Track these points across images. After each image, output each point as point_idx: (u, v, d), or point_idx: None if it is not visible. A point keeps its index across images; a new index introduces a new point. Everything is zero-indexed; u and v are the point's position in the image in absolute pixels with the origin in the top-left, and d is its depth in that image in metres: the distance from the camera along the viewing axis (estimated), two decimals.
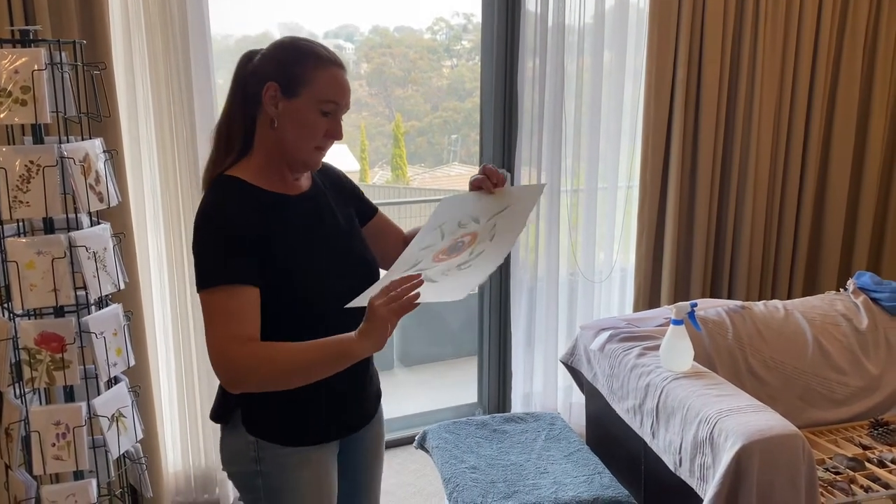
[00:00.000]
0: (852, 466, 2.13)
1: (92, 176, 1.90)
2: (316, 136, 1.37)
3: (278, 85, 1.33)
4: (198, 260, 1.32)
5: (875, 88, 3.17)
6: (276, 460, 1.40)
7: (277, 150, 1.37)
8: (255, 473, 1.41)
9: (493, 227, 1.47)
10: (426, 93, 9.35)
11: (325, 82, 1.35)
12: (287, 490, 1.42)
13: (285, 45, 1.38)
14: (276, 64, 1.35)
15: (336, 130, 1.38)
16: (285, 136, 1.36)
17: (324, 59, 1.36)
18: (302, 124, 1.35)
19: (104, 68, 2.08)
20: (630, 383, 2.14)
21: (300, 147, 1.37)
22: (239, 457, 1.42)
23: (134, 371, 2.27)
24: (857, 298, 2.63)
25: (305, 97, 1.34)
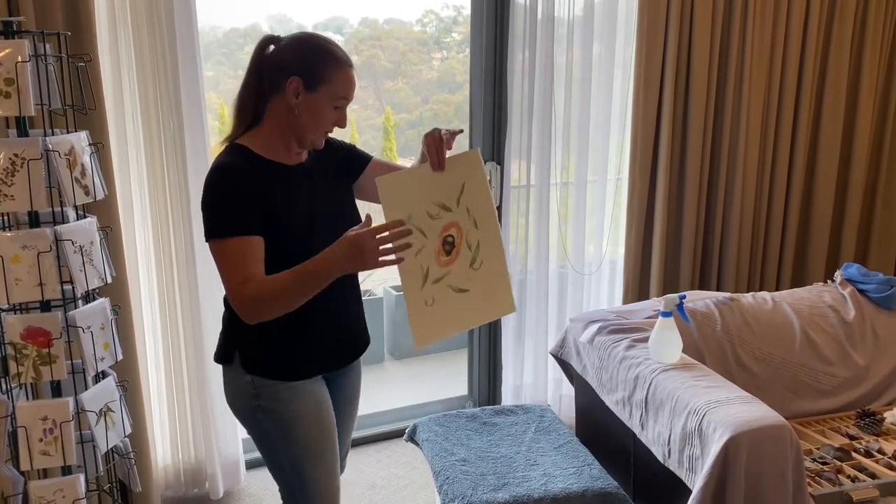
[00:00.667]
0: (839, 456, 2.14)
1: (77, 169, 1.88)
2: (327, 125, 1.61)
3: (301, 80, 1.55)
4: (211, 213, 1.53)
5: (863, 81, 3.19)
6: (273, 395, 1.61)
7: (289, 128, 1.60)
8: (255, 408, 1.62)
9: (469, 212, 1.57)
10: (416, 85, 9.34)
11: (341, 82, 1.58)
12: (287, 419, 1.62)
13: (310, 43, 1.59)
14: (301, 61, 1.56)
15: (342, 120, 1.62)
16: (301, 122, 1.58)
17: (341, 61, 1.58)
18: (317, 114, 1.58)
19: (89, 60, 2.05)
20: (619, 375, 2.15)
21: (312, 131, 1.60)
22: (240, 394, 1.64)
23: (122, 365, 2.25)
24: (845, 290, 2.65)
25: (323, 93, 1.57)
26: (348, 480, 2.77)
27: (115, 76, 2.27)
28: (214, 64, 7.02)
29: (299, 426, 1.63)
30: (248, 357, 1.62)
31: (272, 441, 1.65)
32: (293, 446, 1.64)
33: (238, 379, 1.63)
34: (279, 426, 1.63)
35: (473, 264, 1.59)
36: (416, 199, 1.53)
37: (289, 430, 1.63)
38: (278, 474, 1.71)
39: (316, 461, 1.67)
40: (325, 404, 1.68)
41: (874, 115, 3.29)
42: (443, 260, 1.56)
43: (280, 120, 1.59)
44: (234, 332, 1.64)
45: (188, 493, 2.68)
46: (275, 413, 1.62)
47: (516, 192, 2.97)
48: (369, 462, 2.96)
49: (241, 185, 1.54)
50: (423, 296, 1.55)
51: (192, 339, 2.51)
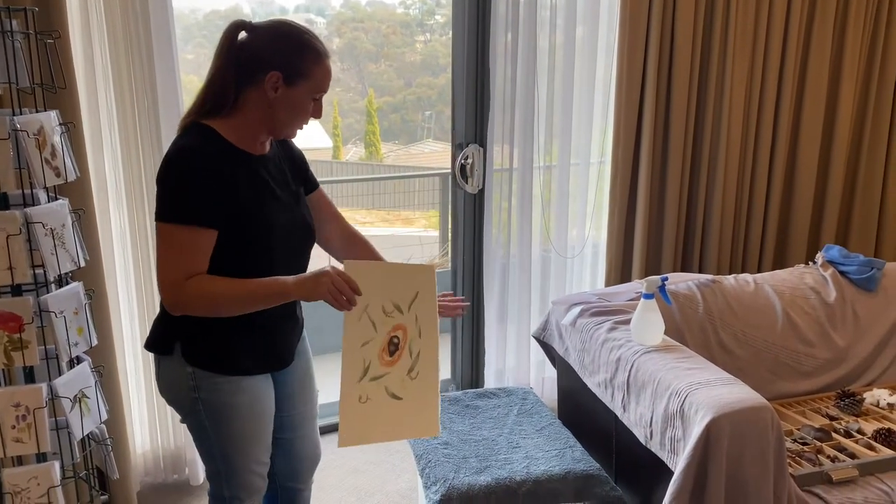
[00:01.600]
0: (819, 437, 2.16)
1: (48, 149, 1.84)
2: (305, 118, 1.61)
3: (281, 75, 1.52)
4: (166, 193, 1.49)
5: (845, 65, 3.18)
6: (213, 387, 1.60)
7: (265, 120, 1.57)
8: (194, 400, 1.61)
9: (416, 320, 1.64)
10: (399, 68, 9.26)
11: (320, 76, 1.56)
12: (224, 412, 1.62)
13: (289, 36, 1.55)
14: (279, 55, 1.52)
15: (319, 111, 1.62)
16: (277, 115, 1.56)
17: (320, 54, 1.56)
18: (295, 108, 1.56)
19: (58, 37, 1.99)
20: (601, 357, 2.14)
21: (289, 125, 1.59)
22: (178, 385, 1.62)
23: (97, 351, 2.21)
24: (826, 271, 2.66)
25: (303, 87, 1.55)
26: (329, 465, 2.75)
27: (86, 54, 2.21)
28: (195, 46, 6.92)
29: (235, 419, 1.64)
30: (189, 349, 1.59)
31: (205, 430, 1.65)
32: (225, 437, 1.65)
33: (178, 370, 1.60)
34: (214, 417, 1.63)
35: (411, 372, 1.65)
36: (376, 290, 1.56)
37: (223, 421, 1.63)
38: (206, 458, 1.72)
39: (244, 453, 1.68)
40: (264, 401, 1.68)
41: (856, 98, 3.30)
42: (385, 359, 1.61)
43: (256, 111, 1.56)
44: (174, 323, 1.58)
45: (168, 479, 2.65)
46: (212, 404, 1.62)
47: (499, 176, 2.94)
48: (349, 447, 2.94)
49: (210, 172, 1.49)
50: (359, 391, 1.59)
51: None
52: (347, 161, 11.79)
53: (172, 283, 1.47)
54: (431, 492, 1.95)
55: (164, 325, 1.62)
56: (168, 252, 1.48)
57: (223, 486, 1.72)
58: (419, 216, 9.42)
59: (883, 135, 3.35)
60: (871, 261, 2.64)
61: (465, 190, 2.99)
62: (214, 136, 1.54)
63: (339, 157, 11.19)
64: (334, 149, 11.45)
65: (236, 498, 1.72)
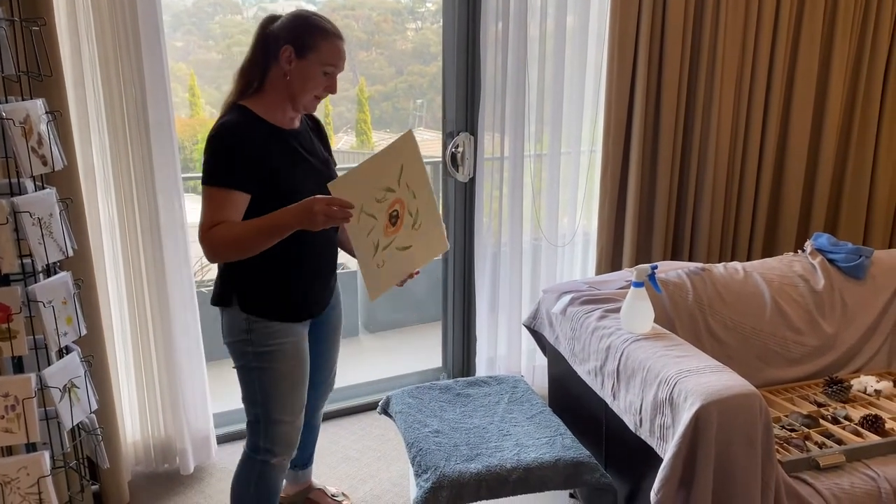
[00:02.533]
0: (807, 423, 2.17)
1: (34, 138, 1.82)
2: (317, 88, 1.83)
3: (293, 48, 1.79)
4: (211, 160, 1.75)
5: (834, 57, 3.19)
6: (263, 330, 1.87)
7: (286, 93, 1.83)
8: (245, 342, 1.88)
9: (408, 187, 1.81)
10: (390, 56, 9.22)
11: (328, 50, 1.80)
12: (270, 353, 1.89)
13: (302, 17, 1.82)
14: (293, 32, 1.80)
15: (332, 86, 1.86)
16: (294, 85, 1.82)
17: (329, 31, 1.81)
18: (307, 79, 1.81)
19: (44, 24, 1.97)
20: (591, 345, 2.15)
21: (304, 94, 1.83)
22: (234, 330, 1.89)
23: (87, 340, 2.21)
24: (815, 259, 2.67)
25: (312, 59, 1.80)
26: (322, 453, 2.76)
27: (72, 41, 2.18)
28: (184, 33, 6.85)
29: (279, 360, 1.90)
30: (244, 299, 1.86)
31: (252, 372, 1.91)
32: (268, 379, 1.90)
33: (235, 317, 1.88)
34: (261, 358, 1.89)
35: (414, 226, 1.87)
36: (363, 191, 1.71)
37: (269, 362, 1.89)
38: (249, 404, 1.96)
39: (283, 399, 1.93)
40: (303, 345, 1.96)
41: (845, 86, 3.30)
42: (389, 230, 1.81)
43: (277, 85, 1.83)
44: (231, 277, 1.87)
45: (158, 469, 2.65)
46: (260, 346, 1.88)
47: (490, 165, 2.94)
48: (343, 435, 2.95)
49: (242, 143, 1.76)
50: (375, 261, 1.80)
51: (158, 312, 2.46)
52: (339, 149, 11.74)
53: (203, 232, 1.74)
54: (422, 479, 1.96)
55: (222, 280, 1.90)
56: (206, 210, 1.74)
57: (260, 436, 1.96)
58: None
59: (872, 123, 3.36)
60: (860, 249, 2.65)
61: (456, 178, 2.99)
62: (248, 113, 1.81)
63: (331, 146, 11.13)
64: None
65: (270, 451, 1.96)
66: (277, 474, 2.01)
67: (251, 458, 1.99)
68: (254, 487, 1.99)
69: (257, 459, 1.98)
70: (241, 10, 10.56)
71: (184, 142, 11.68)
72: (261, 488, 2.00)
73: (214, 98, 11.29)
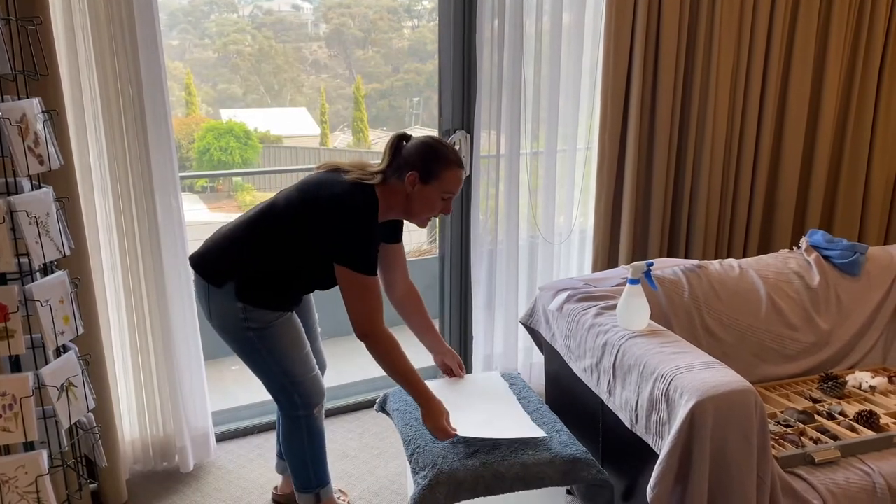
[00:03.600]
0: (802, 419, 2.18)
1: (31, 137, 1.82)
2: (433, 211, 2.04)
3: (418, 174, 1.97)
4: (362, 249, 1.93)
5: (829, 55, 3.20)
6: (260, 317, 2.02)
7: (402, 206, 2.03)
8: (244, 328, 2.02)
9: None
10: (387, 54, 9.21)
11: (449, 180, 2.00)
12: (272, 330, 2.04)
13: (430, 145, 2.01)
14: (421, 159, 1.98)
15: (447, 209, 2.06)
16: (413, 205, 2.02)
17: (452, 162, 2.00)
18: (426, 202, 2.02)
19: (40, 23, 1.97)
20: (587, 342, 2.16)
21: (420, 215, 2.05)
22: (229, 316, 2.02)
23: (84, 339, 2.21)
24: (810, 256, 2.68)
25: (434, 186, 1.99)
26: None
27: (69, 40, 2.18)
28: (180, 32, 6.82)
29: (282, 334, 2.05)
30: (241, 291, 2.00)
31: (259, 352, 2.06)
32: (279, 352, 2.06)
33: (228, 303, 2.00)
34: (266, 338, 2.03)
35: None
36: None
37: (274, 338, 2.04)
38: (268, 379, 2.12)
39: (300, 361, 2.10)
40: (295, 318, 2.12)
41: (840, 83, 3.32)
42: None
43: (397, 192, 2.00)
44: (234, 268, 2.01)
45: (157, 467, 2.65)
46: (261, 328, 2.02)
47: (486, 162, 2.94)
48: (341, 432, 2.96)
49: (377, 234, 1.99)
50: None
51: (157, 310, 2.47)
52: (335, 148, 11.73)
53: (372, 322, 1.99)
54: (420, 477, 1.97)
55: (225, 264, 2.02)
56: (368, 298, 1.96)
57: (293, 397, 2.13)
58: None
59: (867, 121, 3.38)
60: (854, 245, 2.66)
61: None
62: (376, 206, 1.96)
63: (327, 144, 11.14)
64: (322, 136, 11.39)
65: (308, 405, 2.15)
66: (321, 421, 2.22)
67: (296, 419, 2.16)
68: (307, 441, 2.19)
69: (300, 416, 2.16)
70: (238, 8, 10.55)
71: (180, 140, 11.63)
72: (313, 439, 2.20)
73: (210, 96, 11.29)
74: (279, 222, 2.03)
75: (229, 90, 11.19)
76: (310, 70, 7.61)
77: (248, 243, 2.04)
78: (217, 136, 10.86)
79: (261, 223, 2.05)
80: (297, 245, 2.01)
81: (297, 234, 2.00)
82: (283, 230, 2.01)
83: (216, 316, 2.05)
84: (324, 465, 2.25)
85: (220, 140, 10.82)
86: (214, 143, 10.80)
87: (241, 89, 11.18)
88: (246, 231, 2.05)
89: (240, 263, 2.02)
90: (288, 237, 2.01)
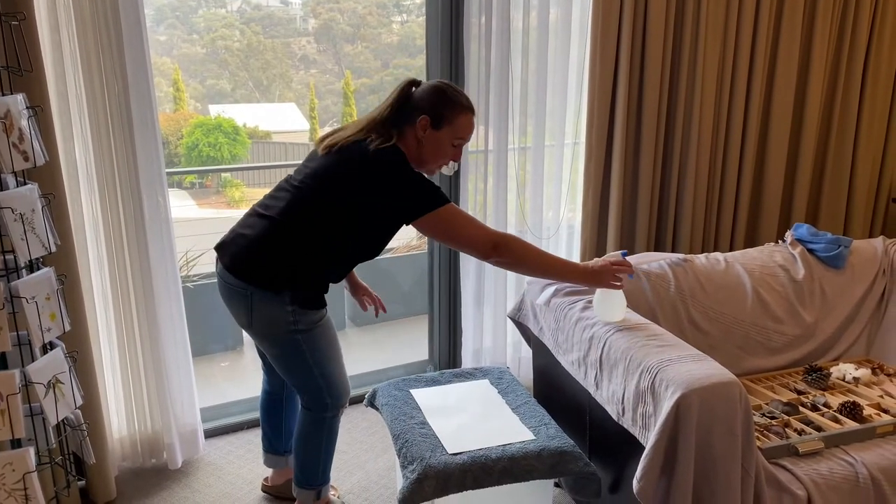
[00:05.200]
0: (787, 411, 2.21)
1: (15, 134, 1.81)
2: (445, 158, 2.02)
3: (430, 119, 1.96)
4: (420, 188, 1.92)
5: (814, 50, 3.22)
6: (307, 318, 2.03)
7: (415, 154, 2.00)
8: (292, 331, 2.02)
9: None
10: (376, 49, 9.19)
11: (461, 125, 1.98)
12: (316, 333, 2.06)
13: (442, 90, 1.98)
14: (431, 104, 1.96)
15: (458, 156, 2.05)
16: (425, 152, 2.00)
17: (464, 107, 1.98)
18: (437, 148, 1.99)
19: (23, 18, 1.96)
20: (574, 336, 2.17)
21: (431, 162, 2.02)
22: (277, 321, 2.00)
23: (71, 336, 2.20)
24: (795, 249, 2.71)
25: (446, 131, 1.98)
26: None
27: (53, 36, 2.17)
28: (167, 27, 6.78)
29: (323, 337, 2.08)
30: (298, 298, 1.99)
31: (303, 353, 2.06)
32: (320, 354, 2.08)
33: (279, 309, 1.99)
34: (310, 341, 2.06)
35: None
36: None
37: (317, 341, 2.07)
38: (305, 379, 2.11)
39: (336, 363, 2.14)
40: (329, 317, 2.15)
41: (825, 78, 3.34)
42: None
43: (409, 144, 1.99)
44: (295, 272, 1.97)
45: (146, 464, 2.65)
46: (308, 331, 2.04)
47: (474, 158, 2.95)
48: None
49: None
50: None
51: (144, 307, 2.46)
52: None
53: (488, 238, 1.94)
54: (409, 471, 1.98)
55: (277, 267, 1.97)
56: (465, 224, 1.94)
57: (325, 396, 2.14)
58: None
59: (852, 116, 3.40)
60: (839, 238, 2.69)
61: (441, 172, 3.00)
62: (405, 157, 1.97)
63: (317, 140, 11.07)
64: (311, 131, 11.36)
65: (338, 405, 2.18)
66: (339, 422, 2.25)
67: (321, 419, 2.18)
68: (325, 441, 2.22)
69: (326, 417, 2.18)
70: (226, 3, 10.47)
71: (168, 136, 11.55)
72: (332, 439, 2.24)
73: (198, 92, 11.22)
74: (320, 198, 1.94)
75: (218, 86, 11.13)
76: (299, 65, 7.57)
77: (297, 237, 1.95)
78: (206, 132, 10.81)
79: (297, 209, 1.96)
80: (345, 215, 1.94)
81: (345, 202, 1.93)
82: (327, 206, 1.94)
83: (261, 323, 2.01)
84: (331, 463, 2.29)
85: (209, 136, 10.77)
86: (203, 139, 10.76)
87: (230, 85, 11.13)
88: (288, 225, 1.95)
89: (300, 265, 1.96)
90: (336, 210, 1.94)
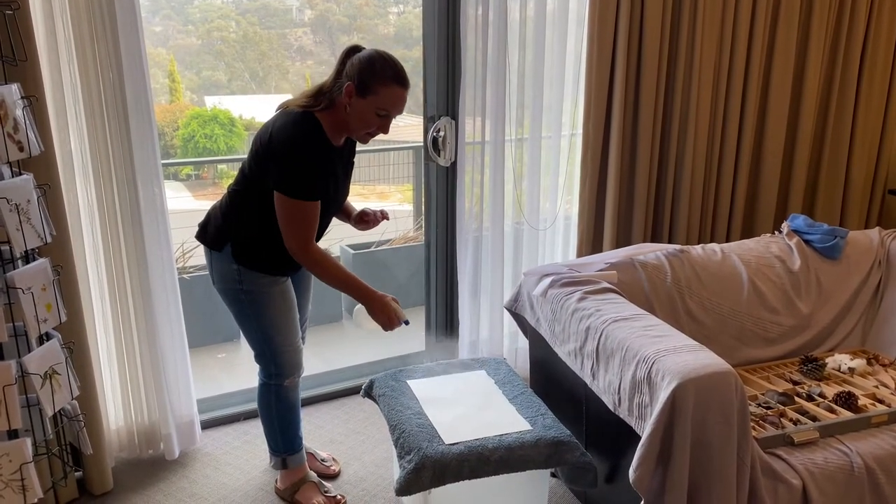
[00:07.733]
0: (782, 401, 2.22)
1: (10, 124, 1.80)
2: (368, 127, 2.03)
3: (355, 87, 1.97)
4: (296, 175, 1.97)
5: (811, 40, 3.22)
6: (254, 281, 2.13)
7: (343, 121, 2.04)
8: (238, 290, 2.15)
9: None
10: (372, 41, 9.14)
11: (385, 96, 1.97)
12: (262, 300, 2.15)
13: (371, 59, 1.98)
14: (359, 71, 1.96)
15: (385, 127, 2.05)
16: (349, 119, 2.02)
17: (390, 79, 1.97)
18: (361, 117, 2.01)
19: (17, 8, 1.95)
20: (571, 327, 2.17)
21: (356, 130, 2.05)
22: (226, 277, 2.15)
23: (67, 327, 2.20)
24: (791, 240, 2.71)
25: (369, 101, 1.98)
26: (308, 436, 2.77)
27: (47, 26, 2.16)
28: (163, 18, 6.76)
29: (270, 306, 2.16)
30: (237, 251, 2.11)
31: (248, 317, 2.17)
32: (264, 322, 2.17)
33: (226, 265, 2.12)
34: (254, 305, 2.15)
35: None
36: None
37: (262, 308, 2.15)
38: (252, 341, 2.23)
39: (281, 335, 2.20)
40: (289, 290, 2.22)
41: (822, 69, 3.34)
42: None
43: (340, 111, 2.02)
44: (231, 230, 2.11)
45: (143, 455, 2.65)
46: (252, 294, 2.13)
47: (471, 149, 2.94)
48: (327, 419, 2.97)
49: (321, 159, 2.00)
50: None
51: (140, 298, 2.46)
52: None
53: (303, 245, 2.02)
54: (405, 461, 1.98)
55: (223, 228, 2.13)
56: (299, 221, 2.00)
57: (269, 363, 2.26)
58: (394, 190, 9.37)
59: (848, 107, 3.40)
60: (835, 229, 2.69)
61: (438, 163, 2.99)
62: (319, 130, 2.01)
63: None
64: None
65: (279, 374, 2.27)
66: (292, 393, 2.33)
67: (267, 385, 2.31)
68: (275, 408, 2.32)
69: (272, 384, 2.29)
70: None
71: (164, 128, 11.49)
72: (281, 407, 2.32)
73: (194, 83, 11.16)
74: (247, 177, 2.12)
75: (214, 77, 11.09)
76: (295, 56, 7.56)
77: (234, 204, 2.14)
78: (202, 124, 10.77)
79: (238, 183, 2.15)
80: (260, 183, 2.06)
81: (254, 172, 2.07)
82: (252, 183, 2.09)
83: (217, 280, 2.18)
84: (291, 433, 2.36)
85: (205, 127, 10.73)
86: (199, 130, 10.72)
87: (226, 76, 11.08)
88: (231, 195, 2.16)
89: (234, 226, 2.12)
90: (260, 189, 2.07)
